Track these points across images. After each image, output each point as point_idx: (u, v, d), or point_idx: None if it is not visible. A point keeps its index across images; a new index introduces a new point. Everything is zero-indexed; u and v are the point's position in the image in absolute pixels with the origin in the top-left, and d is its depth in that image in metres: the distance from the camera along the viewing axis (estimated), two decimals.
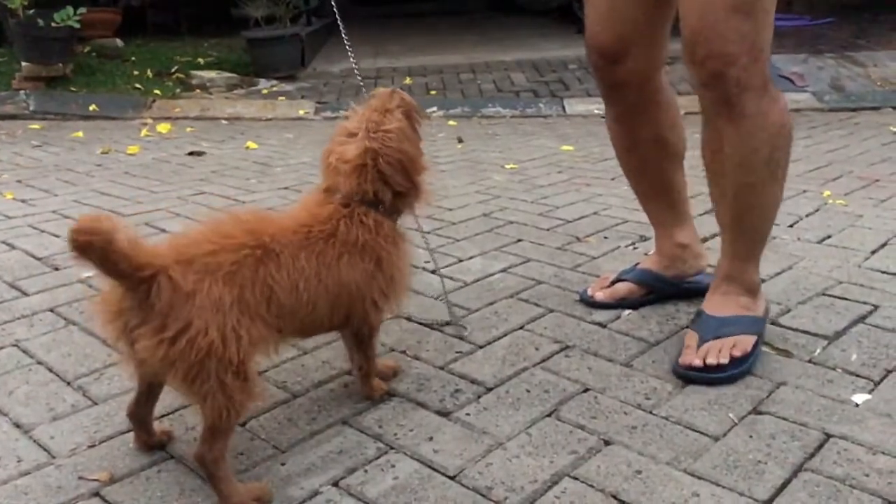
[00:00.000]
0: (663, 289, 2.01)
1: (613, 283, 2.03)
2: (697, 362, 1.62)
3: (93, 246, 1.08)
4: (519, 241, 2.59)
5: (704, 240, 2.13)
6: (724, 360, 1.62)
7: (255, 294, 1.24)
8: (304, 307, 1.33)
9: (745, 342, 1.67)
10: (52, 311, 2.06)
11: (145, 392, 1.36)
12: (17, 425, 1.52)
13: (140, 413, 1.38)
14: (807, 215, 2.80)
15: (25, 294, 2.18)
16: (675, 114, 1.93)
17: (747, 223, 1.71)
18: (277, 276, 1.27)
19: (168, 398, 1.51)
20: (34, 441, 1.47)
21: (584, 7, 1.82)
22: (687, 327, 1.82)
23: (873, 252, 2.36)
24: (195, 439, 1.39)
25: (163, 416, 1.52)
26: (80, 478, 1.35)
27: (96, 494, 1.31)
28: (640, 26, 1.76)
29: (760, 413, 1.50)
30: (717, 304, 1.75)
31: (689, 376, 1.62)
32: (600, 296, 2.02)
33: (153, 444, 1.41)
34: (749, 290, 1.75)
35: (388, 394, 1.60)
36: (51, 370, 1.73)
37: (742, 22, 1.49)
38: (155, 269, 1.17)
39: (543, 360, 1.74)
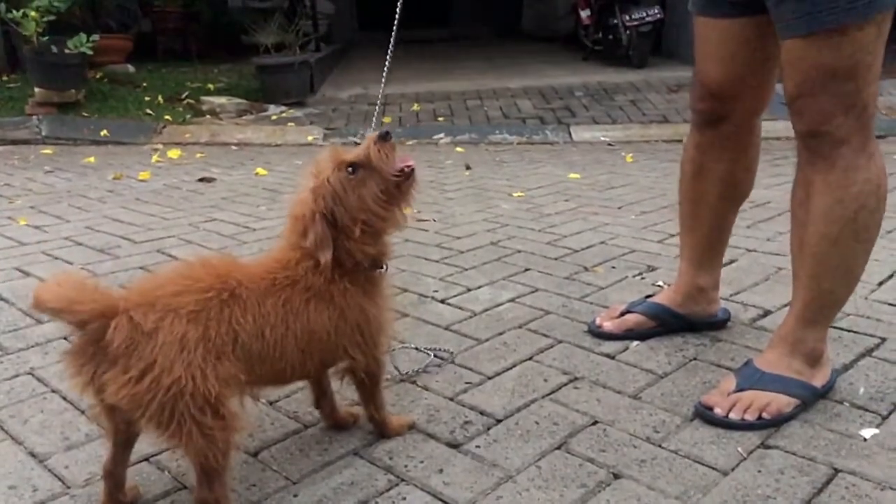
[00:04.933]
0: (673, 323, 2.02)
1: (623, 314, 2.04)
2: (719, 412, 1.59)
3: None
4: (527, 270, 2.61)
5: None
6: (751, 418, 1.57)
7: (220, 333, 1.24)
8: (272, 353, 1.32)
9: (782, 403, 1.60)
10: (66, 339, 2.08)
11: (120, 449, 1.33)
12: (33, 454, 1.54)
13: (117, 472, 1.34)
14: None
15: (39, 322, 2.21)
16: (755, 157, 1.91)
17: (821, 283, 1.63)
18: (243, 320, 1.28)
19: None
20: (49, 470, 1.48)
21: (695, 42, 1.81)
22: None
23: (880, 284, 2.37)
24: None
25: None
26: None
27: None
28: (752, 67, 1.74)
29: (769, 447, 1.51)
30: (767, 360, 1.68)
31: (705, 416, 1.61)
32: (608, 326, 2.03)
33: (125, 503, 1.36)
34: (808, 358, 1.66)
35: (412, 426, 1.61)
36: (65, 399, 1.75)
37: (843, 83, 1.47)
38: (113, 311, 1.19)
39: (552, 392, 1.75)
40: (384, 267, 1.46)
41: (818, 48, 1.47)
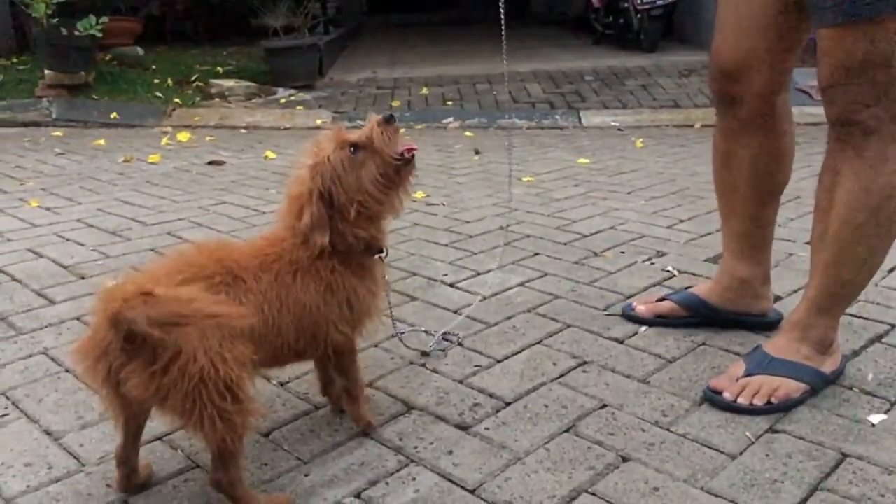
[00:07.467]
0: (707, 315, 1.96)
1: (659, 300, 2.03)
2: (728, 396, 1.60)
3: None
4: (536, 254, 2.62)
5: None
6: (759, 403, 1.58)
7: None
8: (271, 331, 1.33)
9: (790, 388, 1.60)
10: (78, 319, 2.10)
11: (131, 435, 1.34)
12: (48, 433, 1.56)
13: (130, 458, 1.35)
14: None
15: (52, 302, 2.23)
16: (785, 144, 1.83)
17: (838, 272, 1.62)
18: (245, 300, 1.29)
19: None
20: (64, 449, 1.50)
21: (716, 12, 1.78)
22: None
23: (890, 271, 2.36)
24: None
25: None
26: (108, 486, 1.39)
27: (125, 503, 1.35)
28: (767, 47, 1.72)
29: (777, 432, 1.52)
30: (777, 346, 1.68)
31: (713, 401, 1.62)
32: (641, 309, 2.02)
33: (139, 483, 1.38)
34: (818, 345, 1.66)
35: (371, 426, 1.54)
36: (79, 378, 1.77)
37: (877, 74, 1.45)
38: None
39: (561, 376, 1.76)
40: (384, 252, 1.46)
41: (854, 37, 1.45)
